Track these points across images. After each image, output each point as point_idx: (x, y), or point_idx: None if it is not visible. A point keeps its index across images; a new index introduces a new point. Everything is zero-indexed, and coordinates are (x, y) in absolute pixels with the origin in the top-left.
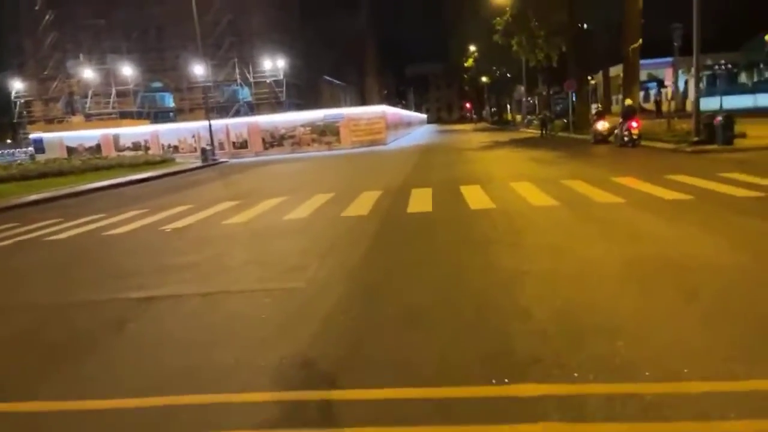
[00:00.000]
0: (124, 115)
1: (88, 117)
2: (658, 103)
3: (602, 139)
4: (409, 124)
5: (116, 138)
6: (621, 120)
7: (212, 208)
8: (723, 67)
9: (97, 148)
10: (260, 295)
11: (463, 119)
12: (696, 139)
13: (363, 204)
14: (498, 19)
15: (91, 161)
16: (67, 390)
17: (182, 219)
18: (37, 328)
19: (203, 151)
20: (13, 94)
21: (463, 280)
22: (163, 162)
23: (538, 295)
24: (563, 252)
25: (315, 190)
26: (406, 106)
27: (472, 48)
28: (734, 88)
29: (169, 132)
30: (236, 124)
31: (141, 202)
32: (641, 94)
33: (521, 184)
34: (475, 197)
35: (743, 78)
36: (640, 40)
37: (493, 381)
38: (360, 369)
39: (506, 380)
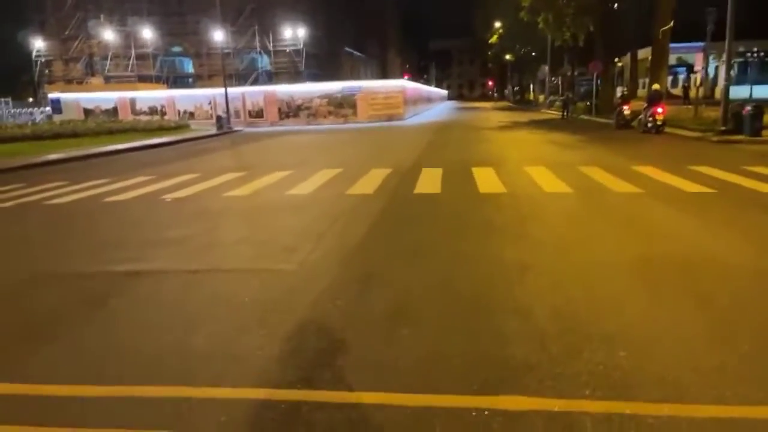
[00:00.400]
0: (143, 79)
1: (107, 79)
2: (686, 88)
3: (625, 123)
4: (429, 99)
5: (133, 102)
6: (646, 105)
7: (217, 179)
8: (756, 54)
9: (114, 111)
10: (248, 276)
11: (484, 97)
12: (723, 128)
13: (370, 182)
14: None
15: (105, 124)
16: (28, 373)
17: (185, 188)
18: (12, 303)
19: (218, 118)
20: (34, 53)
21: (461, 273)
22: (178, 128)
23: (540, 293)
24: (572, 246)
25: (324, 164)
26: (427, 81)
27: (498, 24)
28: (766, 77)
29: (185, 98)
30: (252, 93)
31: (149, 168)
32: (669, 78)
33: (536, 169)
34: (486, 180)
35: None
36: (672, 22)
37: (479, 390)
38: (338, 368)
39: (494, 390)
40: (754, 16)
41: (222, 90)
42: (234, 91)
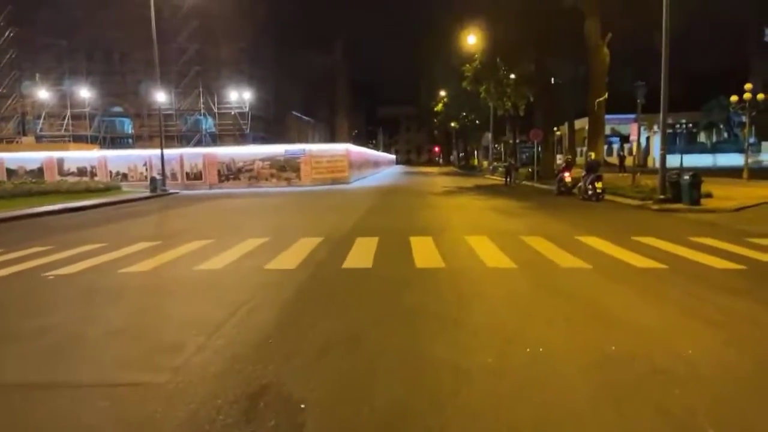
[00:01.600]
0: (78, 139)
1: (39, 139)
2: (621, 157)
3: (566, 190)
4: (376, 163)
5: (60, 162)
6: (585, 173)
7: (123, 250)
8: (684, 126)
9: (39, 171)
10: (98, 393)
11: (431, 162)
12: (662, 196)
13: (295, 254)
14: (467, 65)
15: (24, 185)
16: None
17: (79, 262)
18: None
19: (152, 180)
20: None
21: (377, 384)
22: (108, 190)
23: (474, 412)
24: (515, 339)
25: (251, 231)
26: (375, 146)
27: (442, 93)
28: (694, 147)
29: (118, 159)
30: (191, 154)
31: (51, 236)
32: (605, 147)
33: (478, 239)
34: (424, 252)
35: (702, 137)
36: (606, 95)
37: None
38: None
39: None
40: (683, 91)
41: (158, 151)
42: (171, 152)
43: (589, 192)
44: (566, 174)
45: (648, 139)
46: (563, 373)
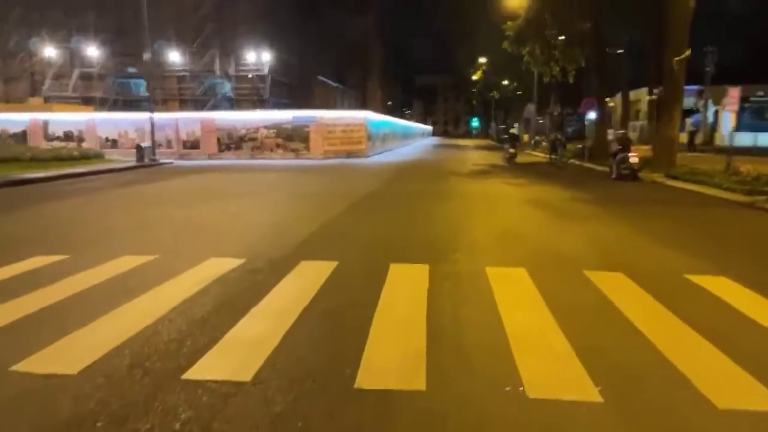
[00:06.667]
0: (88, 102)
1: (47, 99)
2: (692, 133)
3: (631, 174)
4: (405, 135)
5: (45, 125)
6: (619, 149)
7: None
8: (761, 98)
9: (23, 135)
10: None
11: (468, 134)
12: None
13: (159, 303)
14: (509, 23)
15: None
16: None
17: None
18: None
19: (138, 148)
20: None
21: None
22: (86, 158)
23: None
24: None
25: (136, 241)
26: (411, 117)
27: (482, 60)
28: (763, 124)
29: (107, 123)
30: (187, 120)
31: None
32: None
33: (508, 275)
34: (395, 317)
35: None
36: (689, 51)
37: None
38: None
39: None
40: (754, 58)
41: (148, 115)
42: (165, 116)
43: (624, 171)
44: (631, 154)
45: (716, 113)
46: None
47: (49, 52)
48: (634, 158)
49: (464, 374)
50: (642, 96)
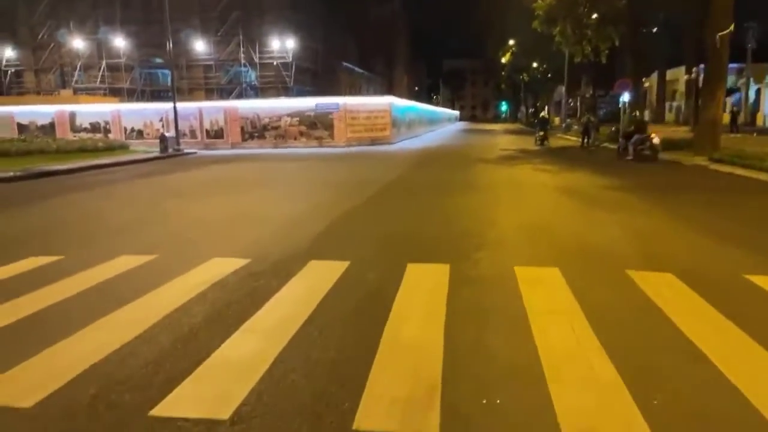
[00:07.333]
0: (115, 92)
1: (76, 91)
2: (734, 114)
3: (652, 155)
4: (431, 120)
5: (72, 116)
6: (634, 133)
7: None
8: None
9: (51, 127)
10: None
11: (497, 118)
12: None
13: (148, 312)
14: (540, 2)
15: (3, 144)
16: None
17: None
18: None
19: (162, 138)
20: (3, 63)
21: None
22: (111, 150)
23: None
24: None
25: (135, 241)
26: (439, 102)
27: (511, 42)
28: None
29: (132, 113)
30: (211, 109)
31: None
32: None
33: (540, 275)
34: (408, 341)
35: None
36: (732, 26)
37: None
38: None
39: None
40: None
41: (180, 104)
42: (188, 106)
43: (645, 152)
44: (653, 135)
45: (759, 92)
46: None
47: (78, 44)
48: (656, 139)
49: (486, 416)
50: (679, 75)
